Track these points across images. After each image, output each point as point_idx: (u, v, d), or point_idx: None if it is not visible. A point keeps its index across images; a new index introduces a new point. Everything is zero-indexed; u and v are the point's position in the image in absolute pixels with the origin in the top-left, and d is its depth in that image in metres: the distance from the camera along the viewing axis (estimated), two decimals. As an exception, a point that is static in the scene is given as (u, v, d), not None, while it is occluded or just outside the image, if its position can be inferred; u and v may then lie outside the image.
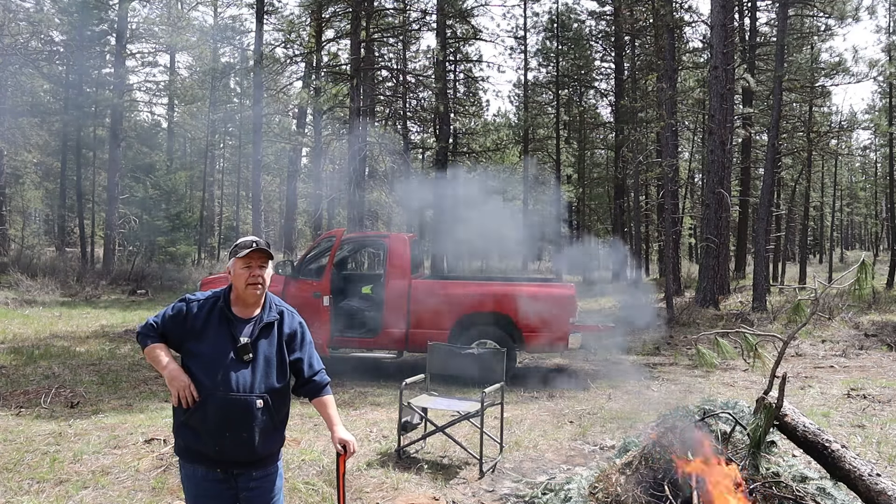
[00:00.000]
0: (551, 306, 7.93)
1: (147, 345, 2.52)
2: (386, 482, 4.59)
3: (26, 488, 4.35)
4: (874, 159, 43.41)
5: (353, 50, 15.58)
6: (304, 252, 9.23)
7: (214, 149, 34.46)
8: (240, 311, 2.53)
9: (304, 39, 21.32)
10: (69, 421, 5.93)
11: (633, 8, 24.04)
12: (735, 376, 8.52)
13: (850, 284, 3.69)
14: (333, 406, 2.64)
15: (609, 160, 32.77)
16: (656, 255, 31.64)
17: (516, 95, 32.24)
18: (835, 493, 3.50)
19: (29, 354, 9.00)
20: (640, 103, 21.70)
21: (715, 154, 15.68)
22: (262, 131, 19.87)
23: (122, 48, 22.19)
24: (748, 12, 23.16)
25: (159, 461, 4.84)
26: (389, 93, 25.90)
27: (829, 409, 6.68)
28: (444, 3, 20.75)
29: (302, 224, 36.03)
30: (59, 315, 13.29)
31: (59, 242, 28.32)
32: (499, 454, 5.20)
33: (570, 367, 9.19)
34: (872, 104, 37.81)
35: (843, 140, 30.46)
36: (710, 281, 15.49)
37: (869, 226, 57.16)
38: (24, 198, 30.87)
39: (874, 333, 11.89)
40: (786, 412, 3.63)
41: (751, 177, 25.42)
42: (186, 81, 28.96)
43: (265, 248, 2.52)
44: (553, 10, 30.06)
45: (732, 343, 7.01)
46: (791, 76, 19.61)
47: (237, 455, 2.44)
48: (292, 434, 5.51)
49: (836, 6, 18.11)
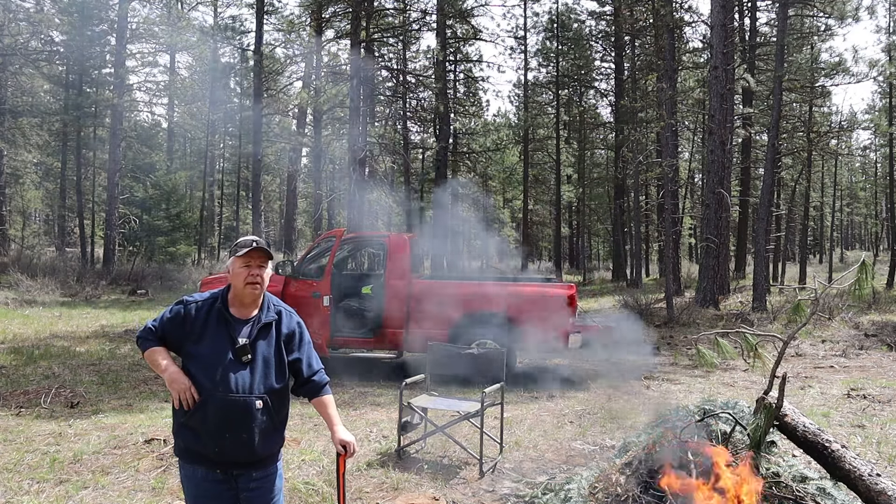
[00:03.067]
0: (551, 306, 7.92)
1: (147, 348, 2.53)
2: (386, 482, 4.59)
3: (26, 488, 4.35)
4: (874, 159, 43.43)
5: (353, 50, 15.58)
6: (304, 252, 9.23)
7: (214, 149, 34.47)
8: (238, 312, 2.53)
9: (304, 39, 21.33)
10: (69, 421, 5.93)
11: (633, 8, 24.04)
12: (735, 376, 8.52)
13: (850, 284, 3.69)
14: (333, 406, 2.64)
15: (609, 160, 32.78)
16: (656, 255, 31.65)
17: (516, 95, 32.29)
18: (835, 493, 3.50)
19: (29, 354, 9.00)
20: (640, 103, 21.69)
21: (715, 154, 15.69)
22: (262, 131, 19.88)
23: (122, 48, 22.20)
24: (748, 12, 23.17)
25: (159, 461, 4.84)
26: (389, 93, 25.90)
27: (829, 409, 6.68)
28: (444, 3, 20.76)
29: (302, 224, 36.05)
30: (59, 315, 13.29)
31: (59, 242, 28.34)
32: (499, 454, 5.20)
33: (570, 367, 9.19)
34: (872, 104, 37.85)
35: (843, 140, 30.46)
36: (710, 281, 15.49)
37: (869, 226, 57.17)
38: (24, 198, 30.87)
39: (874, 333, 11.89)
40: (786, 412, 3.63)
41: (751, 177, 25.42)
42: (186, 81, 28.98)
43: (264, 248, 2.52)
44: (553, 10, 30.11)
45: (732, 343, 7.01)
46: (791, 76, 19.61)
47: (237, 456, 2.44)
48: (292, 434, 5.51)
49: (836, 6, 18.11)
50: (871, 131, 34.75)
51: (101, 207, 26.93)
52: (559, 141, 29.03)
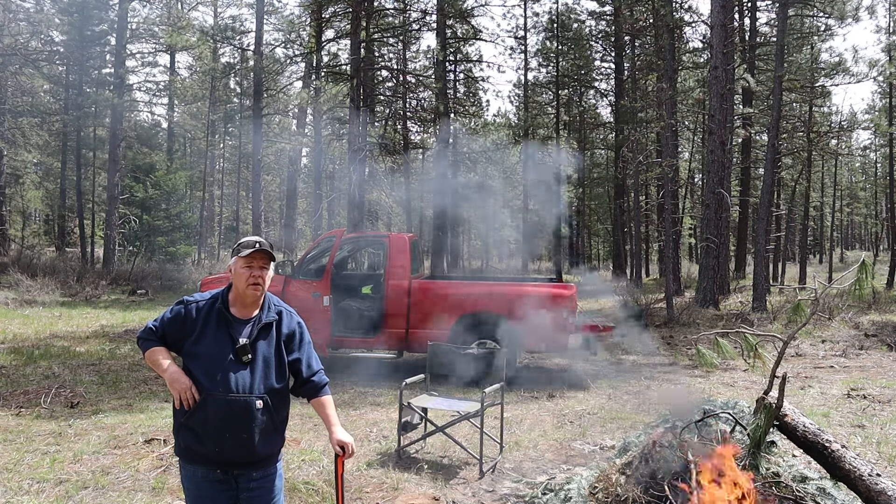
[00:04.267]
0: (551, 306, 7.93)
1: (147, 348, 2.53)
2: (386, 482, 4.59)
3: (26, 488, 4.35)
4: (874, 159, 43.41)
5: (353, 50, 15.57)
6: (304, 252, 9.23)
7: (214, 149, 34.45)
8: (238, 312, 2.53)
9: (304, 39, 21.32)
10: (69, 421, 5.93)
11: (633, 8, 24.03)
12: (735, 376, 8.52)
13: (850, 284, 3.69)
14: (332, 406, 2.64)
15: (609, 160, 32.76)
16: (656, 255, 31.65)
17: (516, 95, 32.25)
18: (835, 494, 3.50)
19: (29, 354, 9.00)
20: (640, 103, 21.68)
21: (715, 154, 15.68)
22: (262, 131, 19.88)
23: (122, 48, 22.20)
24: (748, 12, 23.16)
25: (159, 461, 4.84)
26: (389, 93, 25.89)
27: (829, 409, 6.68)
28: (444, 3, 20.75)
29: (302, 224, 36.02)
30: (59, 315, 13.29)
31: (59, 242, 28.33)
32: (499, 454, 5.20)
33: (570, 367, 9.19)
34: (872, 104, 37.83)
35: (843, 140, 30.43)
36: (710, 281, 15.49)
37: (869, 226, 57.15)
38: (24, 198, 30.85)
39: (874, 333, 11.88)
40: (786, 412, 3.62)
41: (751, 177, 25.42)
42: (186, 81, 28.98)
43: (267, 250, 2.53)
44: (553, 10, 30.05)
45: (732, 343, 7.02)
46: (791, 76, 19.59)
47: (237, 456, 2.44)
48: (292, 434, 5.51)
49: (836, 6, 18.11)
50: (871, 131, 34.77)
51: (101, 207, 26.93)
52: (559, 141, 29.02)
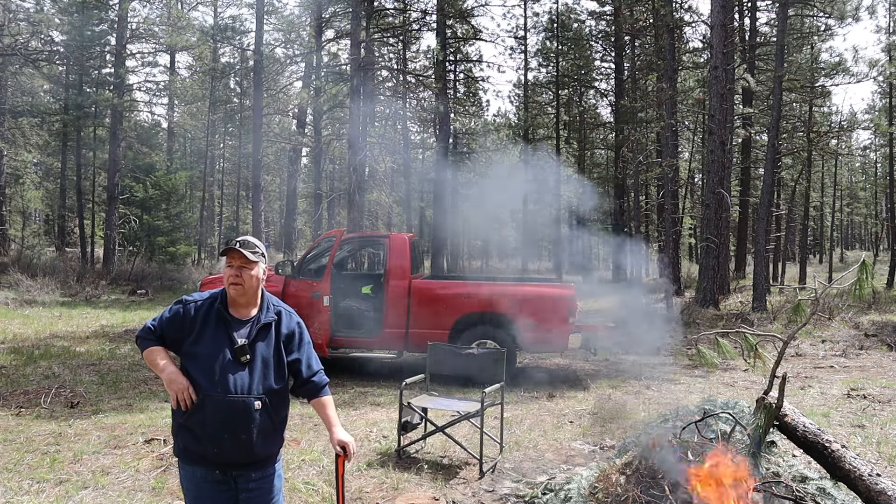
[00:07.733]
0: (551, 306, 7.93)
1: (146, 348, 2.52)
2: (386, 482, 4.58)
3: (26, 488, 4.34)
4: (874, 159, 43.41)
5: (353, 50, 15.57)
6: (304, 252, 9.23)
7: (214, 149, 34.44)
8: (237, 312, 2.53)
9: (304, 39, 21.32)
10: (69, 421, 5.93)
11: (633, 8, 24.03)
12: (735, 376, 8.52)
13: (850, 284, 3.69)
14: (332, 407, 2.64)
15: (609, 160, 32.75)
16: (656, 255, 31.63)
17: (516, 95, 32.24)
18: (835, 493, 3.50)
19: (29, 354, 9.00)
20: (640, 103, 21.69)
21: (715, 154, 15.68)
22: (262, 131, 19.87)
23: (122, 48, 22.19)
24: (748, 12, 23.14)
25: (159, 461, 4.84)
26: (389, 93, 25.89)
27: (829, 409, 6.68)
28: (444, 3, 20.75)
29: (302, 224, 36.02)
30: (59, 315, 13.28)
31: (59, 242, 28.32)
32: (499, 454, 5.20)
33: (570, 367, 9.19)
34: (872, 104, 37.83)
35: (843, 140, 30.42)
36: (710, 281, 15.48)
37: (869, 226, 57.14)
38: (24, 198, 30.82)
39: (874, 333, 11.88)
40: (786, 412, 3.62)
41: (751, 177, 25.41)
42: (186, 81, 28.98)
43: (240, 249, 2.47)
44: (553, 10, 30.05)
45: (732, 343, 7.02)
46: (791, 76, 19.60)
47: (236, 456, 2.44)
48: (292, 434, 5.51)
49: (836, 6, 18.11)
50: (871, 131, 34.77)
51: (101, 207, 26.90)
52: (559, 141, 29.02)
